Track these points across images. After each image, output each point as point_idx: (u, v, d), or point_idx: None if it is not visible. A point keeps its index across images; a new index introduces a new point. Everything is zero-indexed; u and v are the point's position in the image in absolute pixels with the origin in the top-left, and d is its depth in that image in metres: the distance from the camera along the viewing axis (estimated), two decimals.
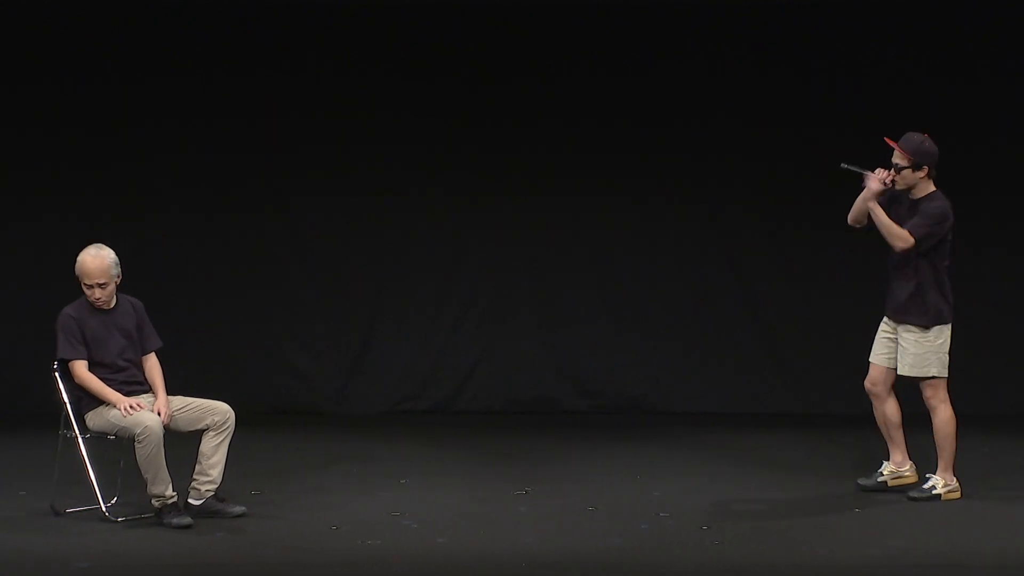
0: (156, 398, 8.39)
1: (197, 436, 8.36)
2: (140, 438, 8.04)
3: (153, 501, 8.18)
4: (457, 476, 9.75)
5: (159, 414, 8.19)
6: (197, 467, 8.35)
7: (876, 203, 8.87)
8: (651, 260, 12.48)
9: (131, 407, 8.15)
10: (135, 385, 8.40)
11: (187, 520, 8.15)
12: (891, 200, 8.95)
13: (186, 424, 8.35)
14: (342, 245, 12.44)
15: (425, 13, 12.20)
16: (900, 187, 8.89)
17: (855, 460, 9.46)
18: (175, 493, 8.21)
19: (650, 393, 12.43)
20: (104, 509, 8.29)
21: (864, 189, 8.92)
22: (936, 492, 8.91)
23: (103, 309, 8.40)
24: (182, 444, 8.41)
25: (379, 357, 12.47)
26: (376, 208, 12.41)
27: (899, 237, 8.79)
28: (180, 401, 8.40)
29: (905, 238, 8.78)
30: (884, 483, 9.15)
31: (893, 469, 9.16)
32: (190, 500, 8.33)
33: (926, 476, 9.01)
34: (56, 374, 8.35)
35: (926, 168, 8.86)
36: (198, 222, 12.30)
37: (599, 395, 12.47)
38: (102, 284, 8.32)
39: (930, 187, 8.91)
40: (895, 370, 9.04)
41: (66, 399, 8.34)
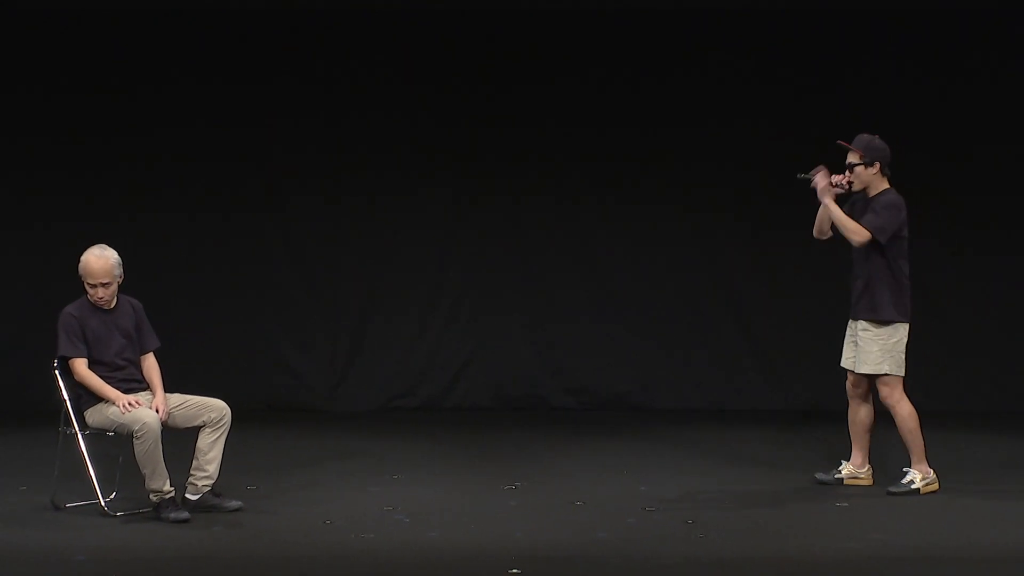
0: (154, 396, 8.43)
1: (194, 432, 8.42)
2: (138, 434, 8.08)
3: (151, 496, 8.23)
4: (448, 471, 9.80)
5: (157, 411, 8.24)
6: (194, 463, 8.39)
7: (830, 199, 9.02)
8: (637, 261, 12.57)
9: (130, 404, 8.20)
10: (134, 383, 8.44)
11: (184, 515, 8.19)
12: (851, 205, 9.11)
13: (183, 421, 8.40)
14: (335, 245, 12.49)
15: (419, 17, 12.26)
16: (856, 187, 9.05)
17: (837, 454, 9.50)
18: (172, 488, 8.25)
19: (636, 390, 12.54)
20: (103, 504, 8.32)
21: (818, 194, 9.05)
22: (915, 486, 9.01)
23: (104, 309, 8.46)
24: (179, 440, 8.46)
25: (371, 355, 12.54)
26: (368, 209, 12.47)
27: (855, 231, 8.93)
28: (177, 398, 8.45)
29: (860, 232, 8.92)
30: (840, 480, 9.26)
31: (851, 470, 9.27)
32: (187, 495, 8.37)
33: (903, 470, 9.11)
34: (56, 372, 8.39)
35: (878, 164, 9.02)
36: (192, 223, 12.34)
37: (586, 392, 12.58)
38: (105, 284, 8.38)
39: (884, 184, 9.07)
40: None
41: (66, 396, 8.37)
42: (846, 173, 9.07)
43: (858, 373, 9.13)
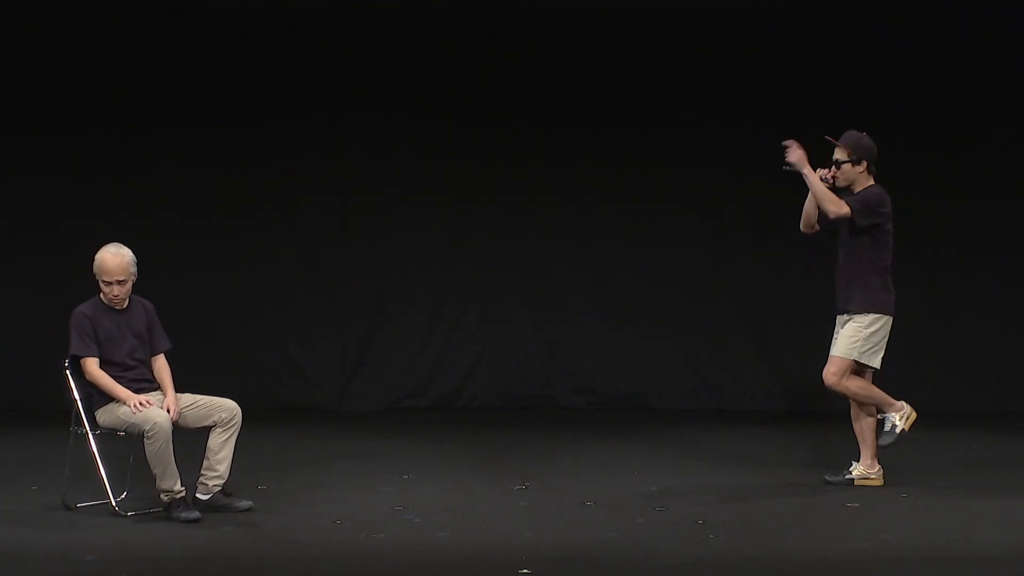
0: (165, 396, 8.43)
1: (205, 432, 8.42)
2: (149, 434, 8.08)
3: (162, 496, 8.23)
4: (458, 472, 9.82)
5: (168, 411, 8.25)
6: (205, 463, 8.39)
7: (810, 169, 8.93)
8: (646, 262, 12.62)
9: (141, 404, 8.20)
10: (144, 383, 8.44)
11: (195, 514, 8.19)
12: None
13: (194, 421, 8.40)
14: (344, 246, 12.53)
15: (424, 17, 12.31)
16: (841, 183, 9.05)
17: (846, 455, 9.52)
18: (183, 488, 8.25)
19: (645, 390, 12.59)
20: (114, 504, 8.32)
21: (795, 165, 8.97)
22: (898, 428, 9.03)
23: (116, 309, 8.46)
24: (190, 440, 8.47)
25: (380, 356, 12.57)
26: (377, 209, 12.51)
27: (832, 202, 8.88)
28: (188, 398, 8.45)
29: (839, 203, 8.88)
30: (851, 481, 9.23)
31: (862, 471, 9.25)
32: (198, 495, 8.37)
33: (879, 417, 9.10)
34: (68, 371, 8.38)
35: (865, 163, 9.04)
36: (202, 224, 12.39)
37: (595, 393, 12.62)
38: (121, 281, 8.38)
39: (869, 181, 9.07)
40: (869, 371, 9.16)
41: (77, 396, 8.37)
42: (831, 168, 9.06)
43: (832, 355, 9.08)
